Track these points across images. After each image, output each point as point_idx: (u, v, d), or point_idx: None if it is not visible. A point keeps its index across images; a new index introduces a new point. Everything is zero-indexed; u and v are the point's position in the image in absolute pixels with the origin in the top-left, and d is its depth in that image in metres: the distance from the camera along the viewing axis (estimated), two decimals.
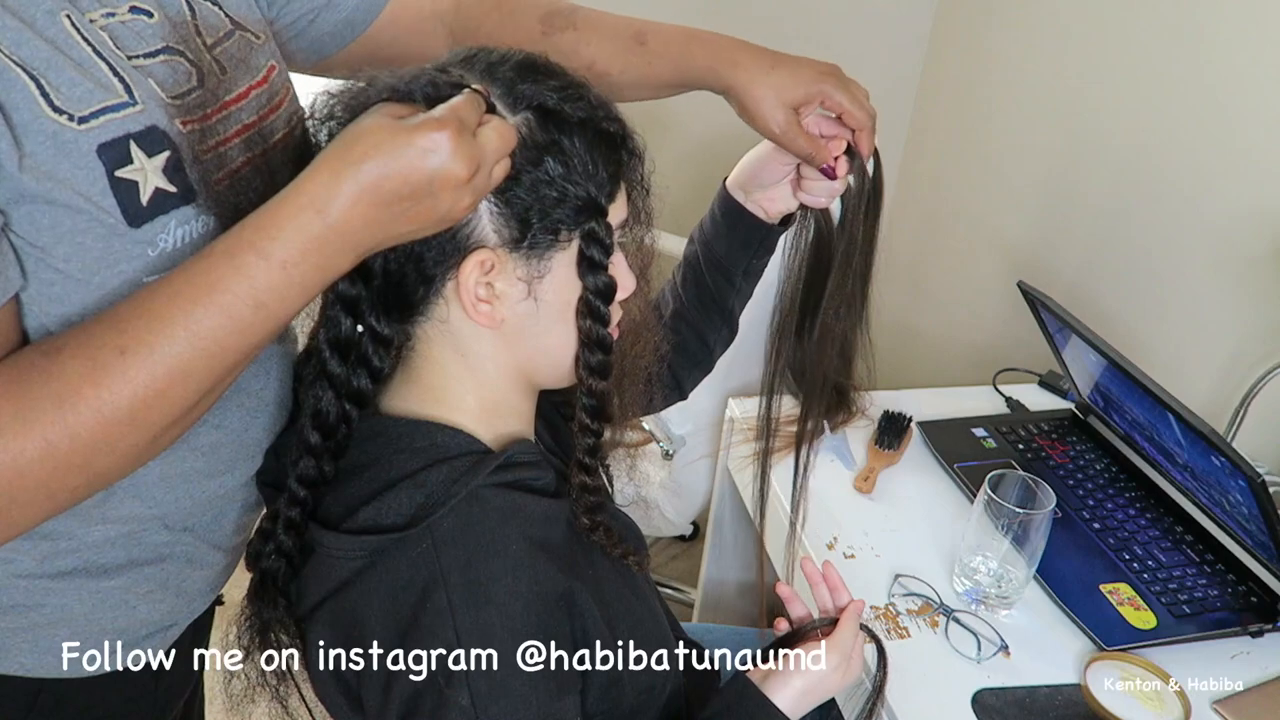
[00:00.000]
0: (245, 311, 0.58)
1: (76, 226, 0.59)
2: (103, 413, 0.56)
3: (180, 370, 0.57)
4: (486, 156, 0.61)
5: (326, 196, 0.58)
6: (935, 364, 2.17)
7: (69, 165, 0.58)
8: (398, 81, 0.65)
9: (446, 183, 0.59)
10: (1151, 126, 1.52)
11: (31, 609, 0.69)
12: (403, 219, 0.60)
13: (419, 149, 0.58)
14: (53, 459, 0.56)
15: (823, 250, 1.37)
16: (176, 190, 0.63)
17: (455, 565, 0.67)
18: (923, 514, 1.20)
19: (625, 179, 0.74)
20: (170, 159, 0.62)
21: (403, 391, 0.76)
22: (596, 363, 0.74)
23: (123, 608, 0.73)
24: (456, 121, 0.59)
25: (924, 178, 2.25)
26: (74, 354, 0.57)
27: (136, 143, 0.60)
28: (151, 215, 0.61)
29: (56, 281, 0.60)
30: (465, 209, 0.63)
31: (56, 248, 0.59)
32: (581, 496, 0.76)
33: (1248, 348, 1.35)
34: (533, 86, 0.68)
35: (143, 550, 0.72)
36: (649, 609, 0.83)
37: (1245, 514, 1.05)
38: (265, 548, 0.74)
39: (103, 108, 0.59)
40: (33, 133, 0.56)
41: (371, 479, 0.71)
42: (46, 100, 0.57)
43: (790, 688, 0.81)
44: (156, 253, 0.62)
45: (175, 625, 0.78)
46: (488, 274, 0.69)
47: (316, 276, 0.60)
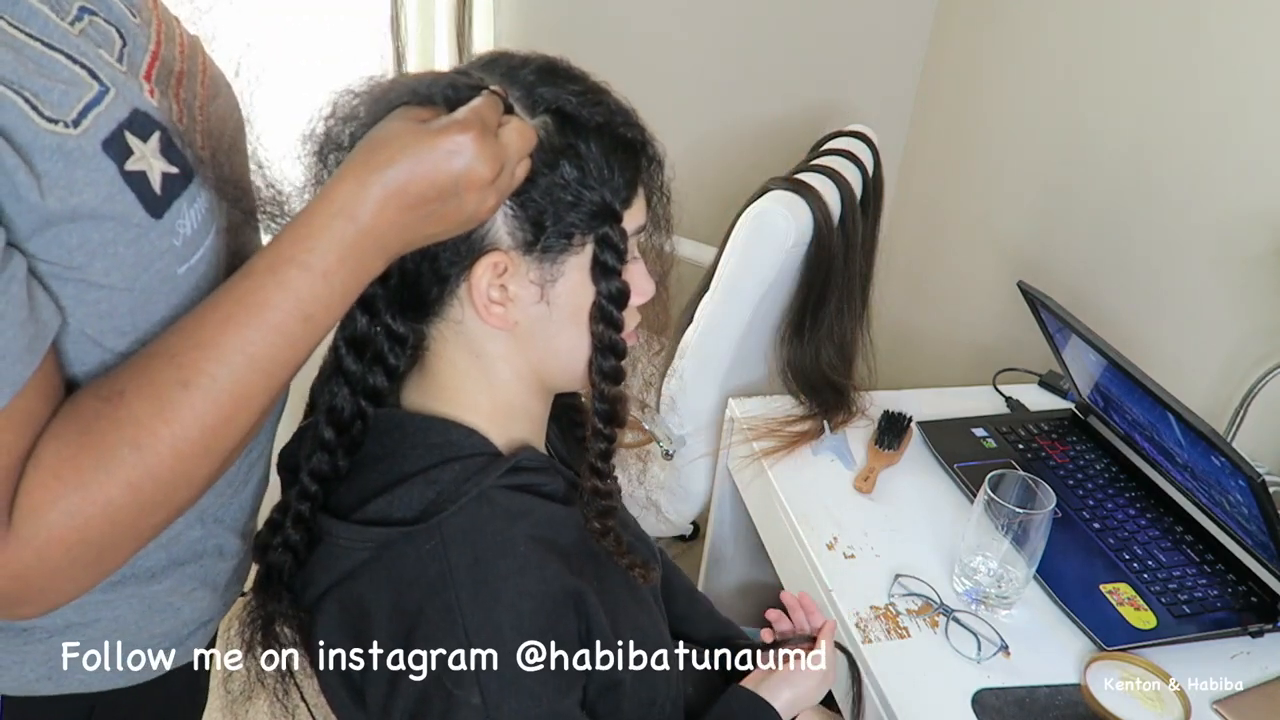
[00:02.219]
0: (295, 326, 0.59)
1: (106, 237, 0.57)
2: (178, 449, 0.57)
3: (243, 394, 0.58)
4: (509, 156, 0.62)
5: (356, 202, 0.58)
6: (935, 364, 2.17)
7: (83, 174, 0.56)
8: (418, 84, 0.65)
9: (472, 184, 0.60)
10: (1151, 127, 1.52)
11: (88, 625, 0.69)
12: (430, 220, 0.61)
13: (443, 151, 0.59)
14: (138, 503, 0.57)
15: (823, 250, 1.37)
16: (178, 170, 0.61)
17: (463, 563, 0.67)
18: (923, 514, 1.20)
19: (645, 185, 0.74)
20: (161, 138, 0.60)
21: (419, 388, 0.76)
22: (609, 368, 0.74)
23: (169, 610, 0.73)
24: (480, 123, 0.60)
25: (924, 178, 2.25)
26: (137, 395, 0.56)
27: (129, 131, 0.58)
28: (168, 202, 0.60)
29: (102, 299, 0.59)
30: (490, 209, 0.63)
31: (93, 263, 0.57)
32: (593, 501, 0.76)
33: (1248, 348, 1.35)
34: (552, 90, 0.68)
35: (181, 549, 0.73)
36: (651, 619, 0.84)
37: (1245, 514, 1.05)
38: (274, 539, 0.74)
39: (85, 105, 0.56)
40: (38, 151, 0.54)
41: (385, 472, 0.72)
42: (37, 113, 0.54)
43: (783, 695, 0.90)
44: (181, 240, 0.61)
45: (212, 621, 0.79)
46: (501, 276, 0.69)
47: (354, 282, 0.61)
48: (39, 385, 0.55)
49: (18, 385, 0.53)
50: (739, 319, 1.39)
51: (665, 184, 0.76)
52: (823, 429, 1.33)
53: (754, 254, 1.33)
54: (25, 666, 0.68)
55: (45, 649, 0.69)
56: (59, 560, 0.56)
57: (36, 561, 0.55)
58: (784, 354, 1.44)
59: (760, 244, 1.32)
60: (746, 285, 1.36)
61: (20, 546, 0.54)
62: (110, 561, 0.59)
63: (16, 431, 0.54)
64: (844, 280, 1.40)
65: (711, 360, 1.43)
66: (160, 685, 0.75)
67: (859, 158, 1.49)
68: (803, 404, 1.39)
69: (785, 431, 1.33)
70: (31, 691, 0.69)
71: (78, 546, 0.56)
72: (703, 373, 1.44)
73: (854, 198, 1.41)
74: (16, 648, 0.68)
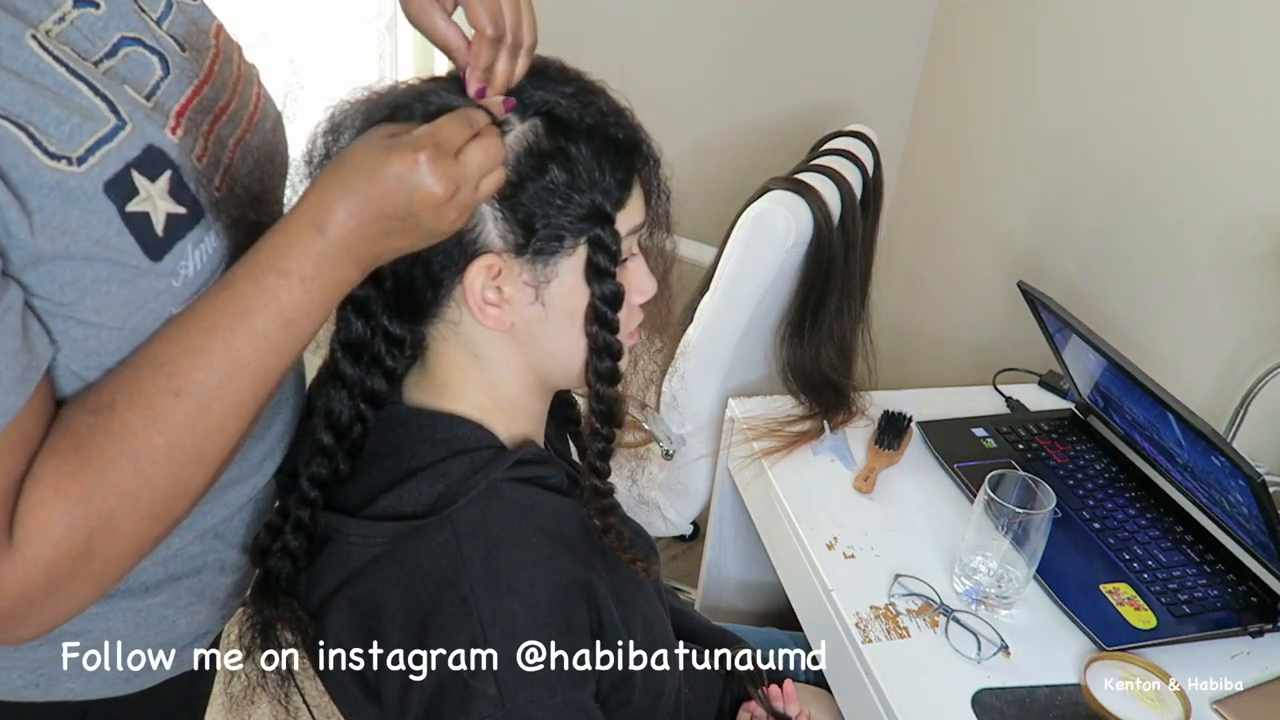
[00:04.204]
0: (278, 331, 0.60)
1: (99, 276, 0.57)
2: (174, 457, 0.58)
3: (232, 401, 0.59)
4: (468, 175, 0.62)
5: (322, 215, 0.60)
6: (935, 364, 2.17)
7: (79, 214, 0.55)
8: (399, 99, 0.66)
9: (425, 203, 0.60)
10: (1151, 126, 1.52)
11: (79, 634, 0.69)
12: (392, 236, 0.62)
13: (393, 174, 0.60)
14: (139, 513, 0.57)
15: (823, 250, 1.37)
16: (185, 211, 0.61)
17: (476, 556, 0.67)
18: (923, 514, 1.20)
19: (642, 184, 0.74)
20: (172, 178, 0.60)
21: (421, 385, 0.77)
22: (605, 369, 0.74)
23: (163, 623, 0.73)
24: (432, 145, 0.60)
25: (924, 178, 2.25)
26: (129, 406, 0.57)
27: (138, 170, 0.58)
28: (169, 244, 0.60)
29: (90, 336, 0.58)
30: (451, 224, 0.64)
31: (83, 301, 0.57)
32: (593, 499, 0.76)
33: (1248, 348, 1.35)
34: (543, 93, 0.68)
35: (180, 563, 0.72)
36: (657, 612, 0.84)
37: (1245, 514, 1.05)
38: (272, 545, 0.74)
39: (95, 142, 0.56)
40: (35, 188, 0.53)
41: (392, 468, 0.72)
42: (40, 149, 0.53)
43: None
44: (180, 282, 0.61)
45: (209, 633, 0.79)
46: (495, 278, 0.69)
47: (331, 290, 0.62)
48: (35, 408, 0.55)
49: (10, 415, 0.53)
50: (739, 319, 1.39)
51: (664, 182, 0.76)
52: (823, 429, 1.33)
53: (754, 254, 1.33)
54: (13, 672, 0.68)
55: (34, 656, 0.68)
56: (64, 575, 0.56)
57: (43, 578, 0.55)
58: (784, 354, 1.44)
59: (760, 244, 1.32)
60: (746, 285, 1.36)
61: (27, 565, 0.54)
62: (112, 575, 0.59)
63: (13, 456, 0.54)
64: (844, 280, 1.40)
65: (711, 360, 1.43)
66: (154, 695, 0.75)
67: (859, 158, 1.49)
68: (803, 404, 1.39)
69: (785, 431, 1.33)
70: (20, 697, 0.69)
71: (82, 560, 0.56)
72: (703, 372, 1.44)
73: (854, 198, 1.41)
74: (6, 653, 0.68)
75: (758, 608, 1.62)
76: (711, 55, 2.16)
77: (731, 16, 2.12)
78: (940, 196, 2.19)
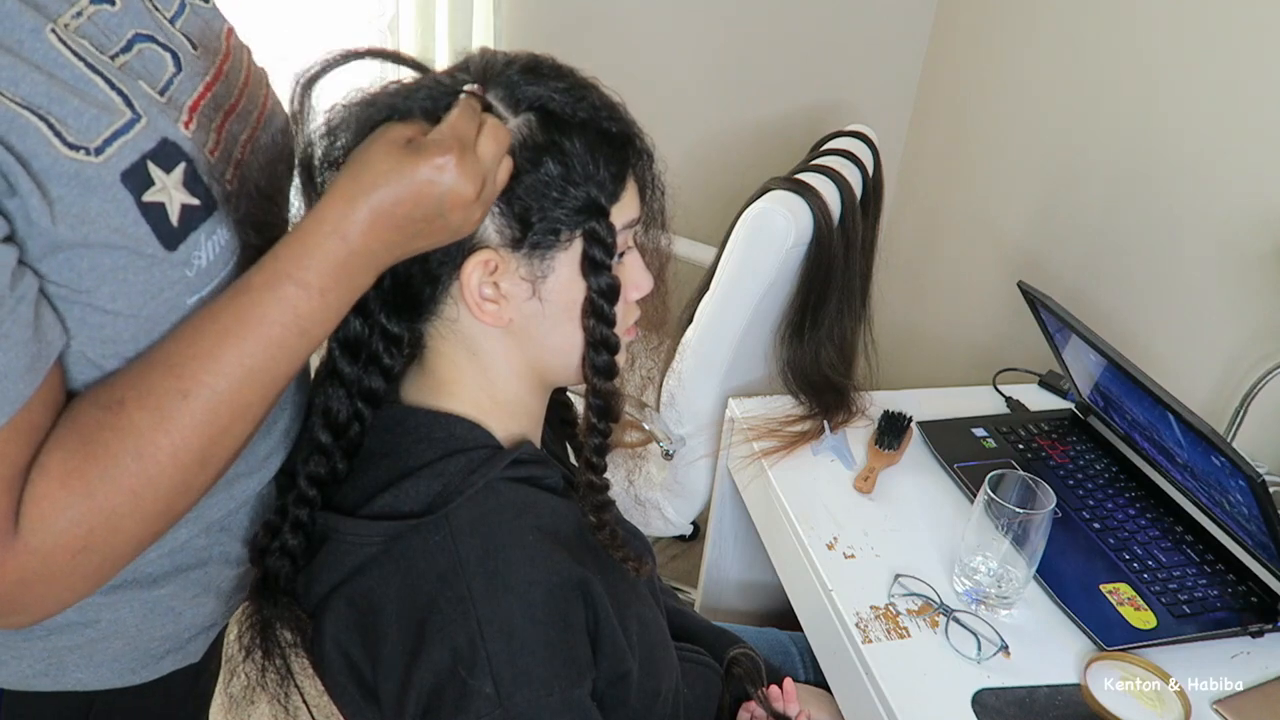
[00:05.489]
0: (292, 340, 0.61)
1: (116, 264, 0.58)
2: (178, 458, 0.58)
3: (241, 405, 0.60)
4: (489, 168, 0.63)
5: (346, 223, 0.60)
6: (935, 364, 2.18)
7: (98, 202, 0.56)
8: (396, 99, 0.66)
9: (456, 203, 0.62)
10: (1151, 126, 1.52)
11: (87, 626, 0.70)
12: (418, 237, 0.63)
13: (425, 177, 0.60)
14: (140, 511, 0.58)
15: (823, 250, 1.37)
16: (199, 202, 0.62)
17: (473, 554, 0.67)
18: (923, 514, 1.20)
19: (636, 179, 0.74)
20: (186, 170, 0.61)
21: (419, 384, 0.77)
22: (602, 363, 0.74)
23: (170, 615, 0.74)
24: (458, 143, 0.61)
25: (924, 178, 2.26)
26: (138, 405, 0.57)
27: (153, 161, 0.59)
28: (184, 234, 0.61)
29: (106, 324, 0.59)
30: (476, 221, 0.65)
31: (100, 288, 0.58)
32: (589, 496, 0.76)
33: (1248, 348, 1.35)
34: (536, 88, 0.69)
35: (186, 555, 0.73)
36: (652, 612, 0.84)
37: (1245, 514, 1.05)
38: (271, 544, 0.74)
39: (112, 133, 0.57)
40: (55, 177, 0.54)
41: (389, 467, 0.72)
42: (60, 139, 0.54)
43: None
44: (194, 272, 0.62)
45: (215, 625, 0.79)
46: (492, 274, 0.70)
47: (347, 297, 0.63)
48: (43, 398, 0.56)
49: (18, 403, 0.54)
50: (739, 319, 1.39)
51: (658, 178, 0.76)
52: (823, 429, 1.33)
53: (754, 254, 1.33)
54: (24, 662, 0.69)
55: (44, 646, 0.69)
56: (62, 567, 0.56)
57: (42, 568, 0.56)
58: (784, 354, 1.44)
59: (760, 244, 1.32)
60: (746, 285, 1.36)
61: (28, 554, 0.55)
62: (109, 569, 0.59)
63: (19, 445, 0.55)
64: (844, 280, 1.40)
65: (711, 360, 1.43)
66: (160, 686, 0.76)
67: (859, 158, 1.49)
68: (803, 404, 1.39)
69: (785, 431, 1.33)
70: (29, 687, 0.70)
71: (81, 554, 0.56)
72: (702, 372, 1.44)
73: (854, 198, 1.41)
74: (15, 644, 0.68)
75: (758, 608, 1.62)
76: (711, 55, 2.16)
77: (731, 16, 2.12)
78: (940, 196, 2.19)
